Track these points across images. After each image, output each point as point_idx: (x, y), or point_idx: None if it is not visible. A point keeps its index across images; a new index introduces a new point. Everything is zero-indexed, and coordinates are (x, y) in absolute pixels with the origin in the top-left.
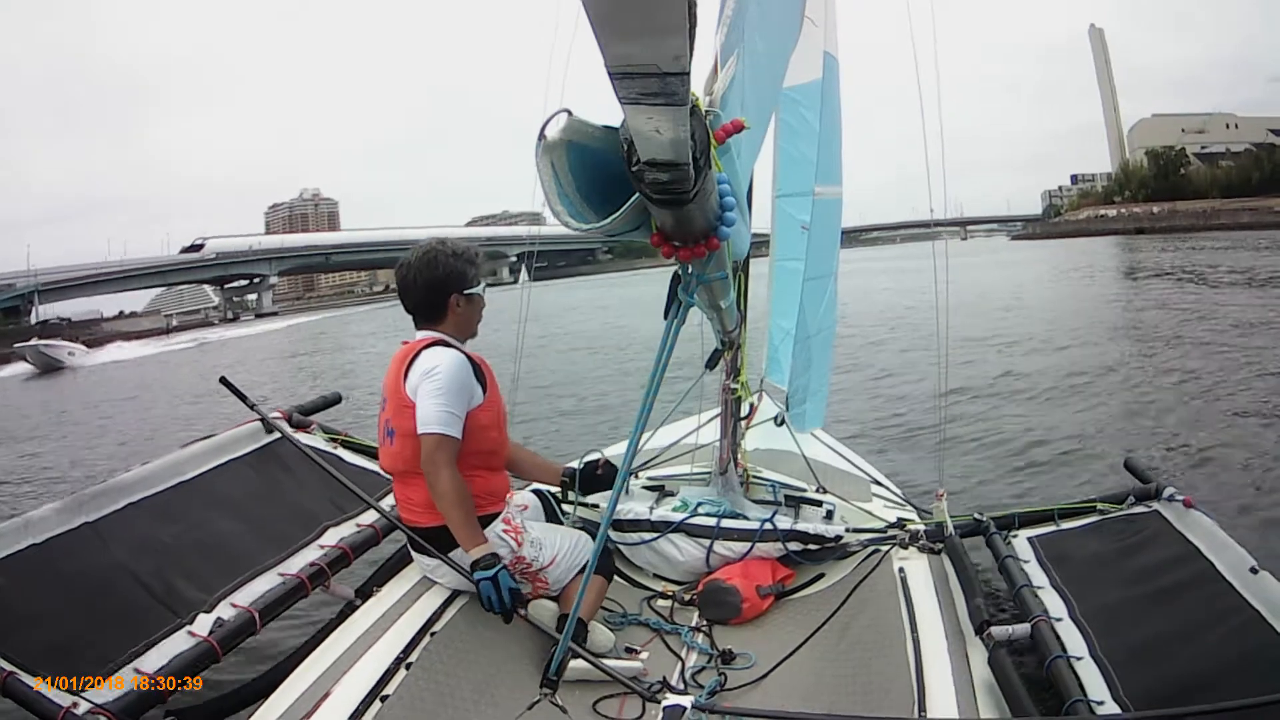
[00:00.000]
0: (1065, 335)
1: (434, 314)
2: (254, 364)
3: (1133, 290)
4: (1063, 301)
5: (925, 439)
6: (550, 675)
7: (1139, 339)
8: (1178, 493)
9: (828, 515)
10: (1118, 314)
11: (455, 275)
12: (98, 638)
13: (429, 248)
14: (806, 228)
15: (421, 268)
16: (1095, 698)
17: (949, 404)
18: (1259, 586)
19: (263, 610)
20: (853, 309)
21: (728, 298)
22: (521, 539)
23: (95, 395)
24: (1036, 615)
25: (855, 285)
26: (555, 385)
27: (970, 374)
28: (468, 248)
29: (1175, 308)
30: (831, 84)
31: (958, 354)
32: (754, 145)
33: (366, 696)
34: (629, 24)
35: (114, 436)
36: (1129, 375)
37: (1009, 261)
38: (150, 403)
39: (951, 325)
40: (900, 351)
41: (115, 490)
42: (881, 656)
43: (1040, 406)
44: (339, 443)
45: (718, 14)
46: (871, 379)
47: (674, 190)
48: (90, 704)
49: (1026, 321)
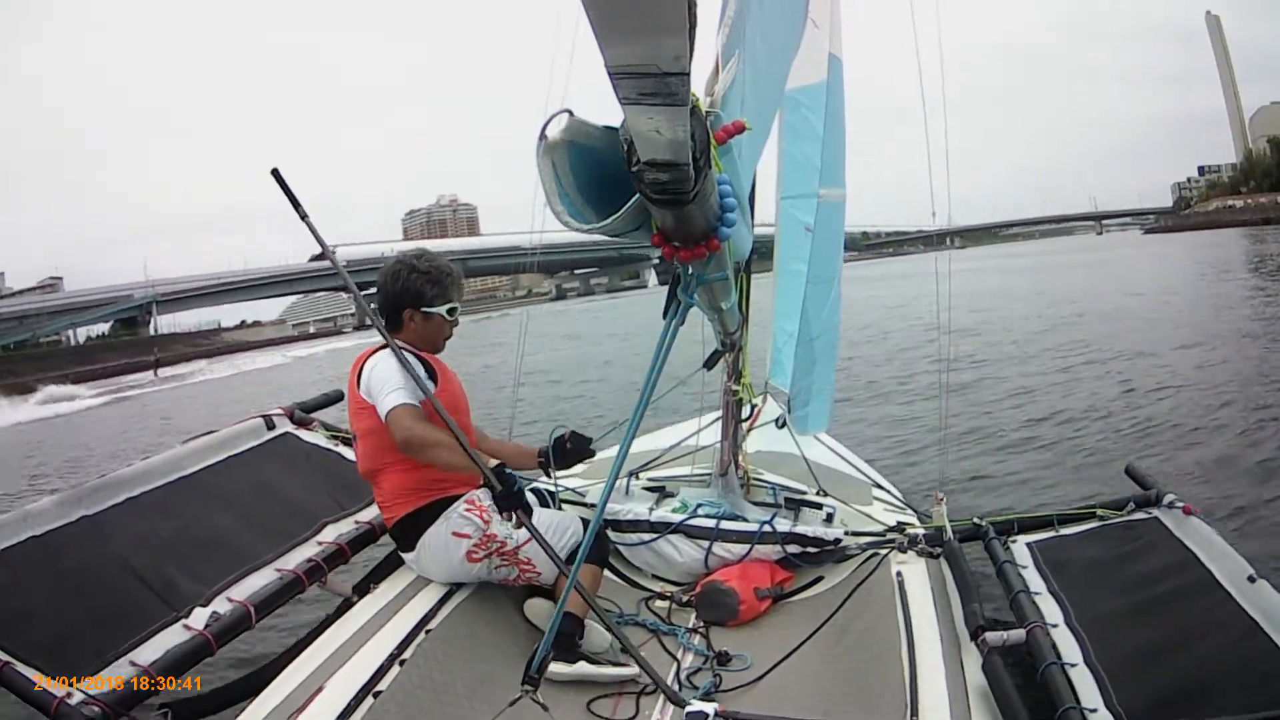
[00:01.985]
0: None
1: (392, 324)
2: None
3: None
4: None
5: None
6: (532, 673)
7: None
8: (1178, 499)
9: (827, 518)
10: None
11: (412, 292)
12: (93, 630)
13: (401, 261)
14: (810, 230)
15: (387, 278)
16: (1088, 705)
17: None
18: (1256, 595)
19: (258, 605)
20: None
21: (729, 299)
22: (489, 516)
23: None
24: (1032, 621)
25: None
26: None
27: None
28: (440, 268)
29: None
30: (836, 86)
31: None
32: (756, 147)
33: (359, 692)
34: (629, 24)
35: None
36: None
37: (1143, 256)
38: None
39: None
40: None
41: (115, 484)
42: (876, 660)
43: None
44: (341, 440)
45: (719, 15)
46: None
47: (674, 190)
48: (84, 695)
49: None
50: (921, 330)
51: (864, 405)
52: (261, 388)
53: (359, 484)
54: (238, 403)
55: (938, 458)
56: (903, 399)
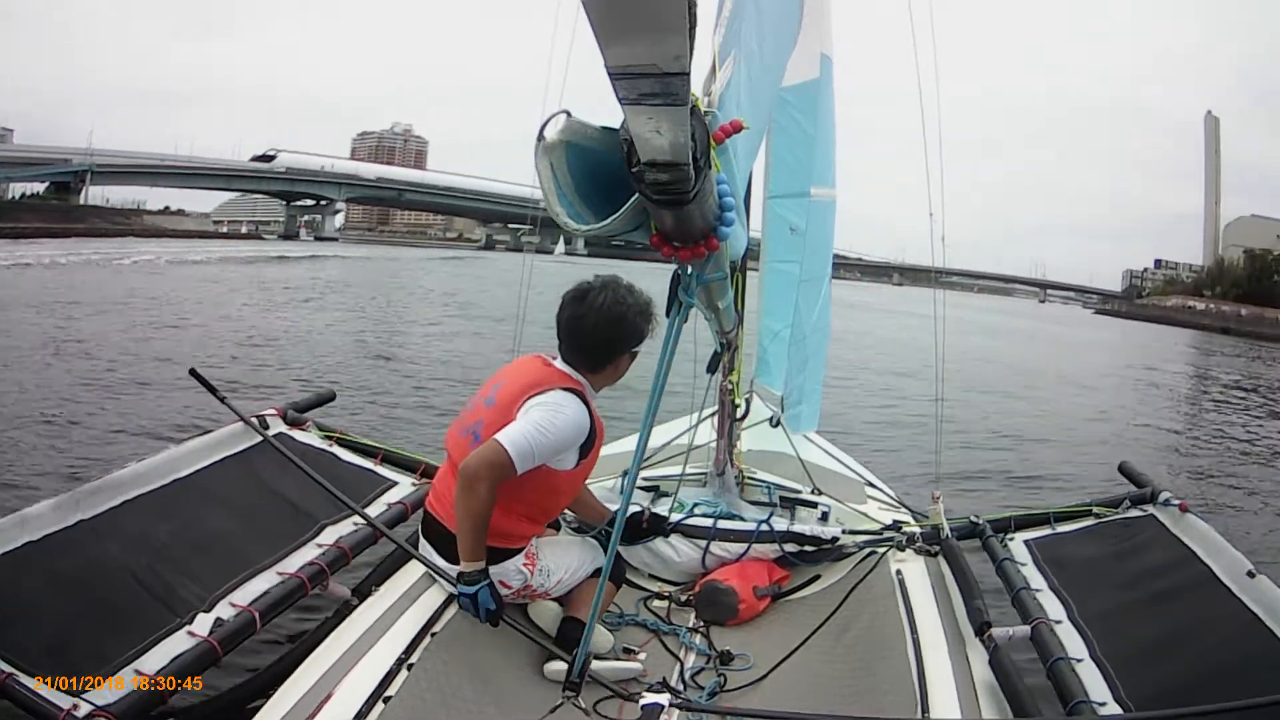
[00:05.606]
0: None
1: (594, 364)
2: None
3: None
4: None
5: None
6: (574, 678)
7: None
8: (1173, 497)
9: (823, 517)
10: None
11: (635, 335)
12: (97, 637)
13: (618, 298)
14: (795, 230)
15: (605, 321)
16: (1097, 699)
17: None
18: (1257, 590)
19: (263, 611)
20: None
21: (725, 298)
22: (535, 568)
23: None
24: (1036, 617)
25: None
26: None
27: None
28: (649, 302)
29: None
30: (827, 85)
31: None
32: (751, 146)
33: (370, 697)
34: (629, 24)
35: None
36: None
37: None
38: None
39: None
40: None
41: (111, 487)
42: (881, 658)
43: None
44: (335, 440)
45: (715, 14)
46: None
47: (674, 191)
48: (91, 705)
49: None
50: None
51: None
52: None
53: (355, 485)
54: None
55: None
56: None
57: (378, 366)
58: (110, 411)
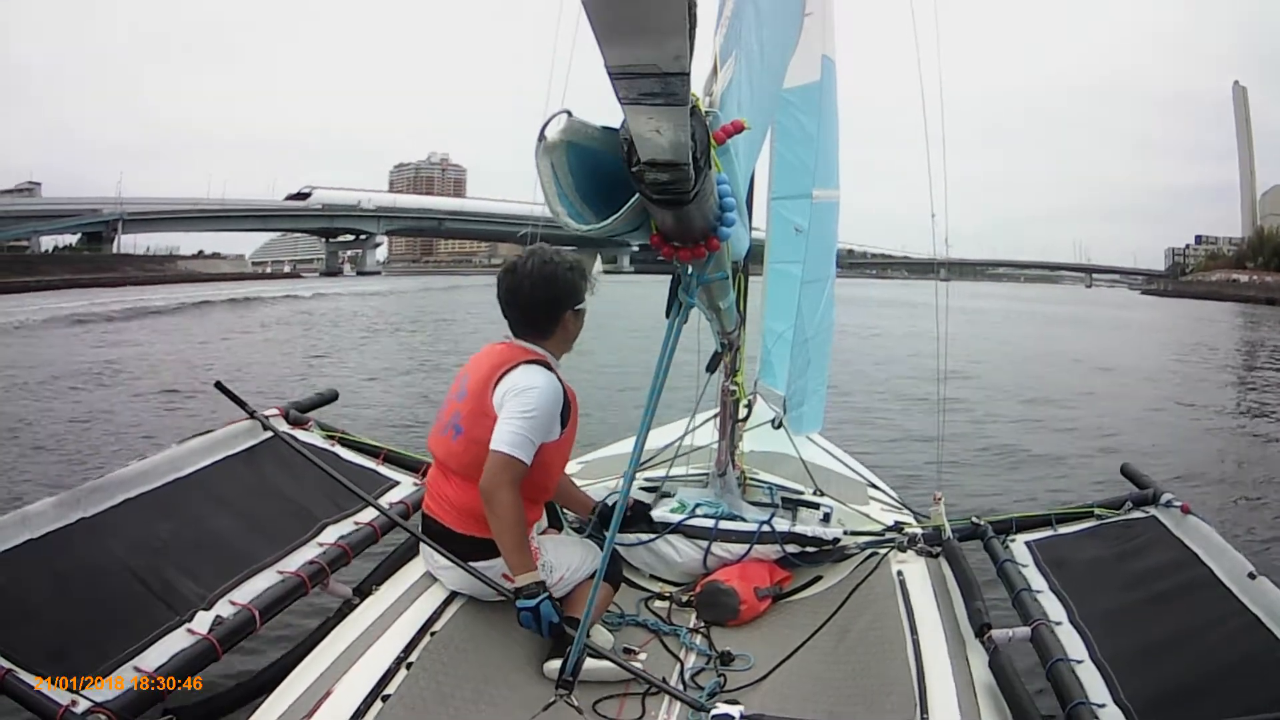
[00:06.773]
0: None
1: (542, 328)
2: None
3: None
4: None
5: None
6: (566, 676)
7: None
8: (1175, 499)
9: (825, 518)
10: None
11: (572, 291)
12: (96, 635)
13: (546, 259)
14: (799, 230)
15: (539, 282)
16: (1096, 700)
17: None
18: (1258, 592)
19: (263, 610)
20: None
21: (727, 299)
22: (538, 564)
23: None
24: (1036, 619)
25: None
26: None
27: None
28: (578, 259)
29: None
30: (829, 86)
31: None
32: (753, 146)
33: (368, 696)
34: (629, 24)
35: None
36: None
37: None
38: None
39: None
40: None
41: (112, 485)
42: (882, 659)
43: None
44: (336, 440)
45: (716, 14)
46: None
47: (674, 191)
48: (90, 702)
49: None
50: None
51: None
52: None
53: (358, 484)
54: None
55: (934, 457)
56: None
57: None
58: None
